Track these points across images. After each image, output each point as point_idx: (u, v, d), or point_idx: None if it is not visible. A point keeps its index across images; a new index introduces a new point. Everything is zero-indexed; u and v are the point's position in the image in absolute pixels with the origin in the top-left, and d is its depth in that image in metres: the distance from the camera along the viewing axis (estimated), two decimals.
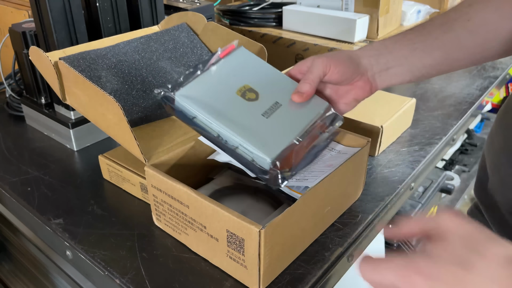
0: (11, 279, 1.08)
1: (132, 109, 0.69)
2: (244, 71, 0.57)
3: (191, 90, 0.52)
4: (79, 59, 0.68)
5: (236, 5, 1.19)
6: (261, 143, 0.49)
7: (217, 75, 0.55)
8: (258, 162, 0.49)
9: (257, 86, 0.55)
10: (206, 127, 0.51)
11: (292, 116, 0.53)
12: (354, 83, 0.55)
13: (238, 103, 0.53)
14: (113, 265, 0.54)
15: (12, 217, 0.90)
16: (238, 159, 0.51)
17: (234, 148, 0.50)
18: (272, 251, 0.48)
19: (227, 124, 0.50)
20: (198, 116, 0.51)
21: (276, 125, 0.52)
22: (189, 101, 0.51)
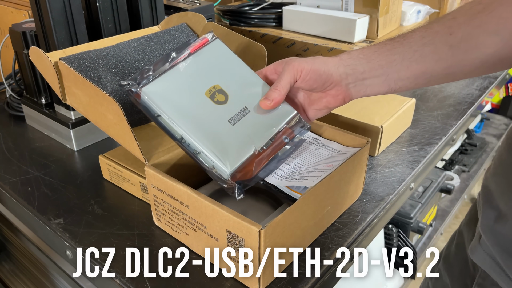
0: (11, 279, 1.09)
1: (132, 109, 0.69)
2: (216, 68, 0.55)
3: (158, 86, 0.51)
4: (79, 59, 0.68)
5: (236, 5, 1.19)
6: (222, 153, 0.49)
7: (187, 72, 0.53)
8: (218, 171, 0.49)
9: (227, 87, 0.54)
10: (169, 128, 0.50)
11: (258, 123, 0.53)
12: (326, 91, 0.54)
13: (205, 105, 0.52)
14: (113, 265, 0.54)
15: (12, 217, 0.90)
16: (199, 164, 0.51)
17: (196, 153, 0.50)
18: (272, 251, 0.48)
19: (190, 128, 0.49)
20: (162, 116, 0.50)
21: (241, 133, 0.51)
22: (154, 98, 0.50)
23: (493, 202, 0.50)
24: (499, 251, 0.49)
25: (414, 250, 1.27)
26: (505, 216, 0.48)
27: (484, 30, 0.46)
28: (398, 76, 0.50)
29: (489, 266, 0.51)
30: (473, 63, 0.47)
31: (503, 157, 0.51)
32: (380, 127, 0.73)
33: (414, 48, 0.49)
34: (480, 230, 0.53)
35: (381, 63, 0.51)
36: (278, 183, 0.57)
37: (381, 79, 0.51)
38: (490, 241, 0.50)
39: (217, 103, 0.52)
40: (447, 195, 1.57)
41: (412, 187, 0.73)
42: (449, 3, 1.16)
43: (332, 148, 0.63)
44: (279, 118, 0.54)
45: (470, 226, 0.62)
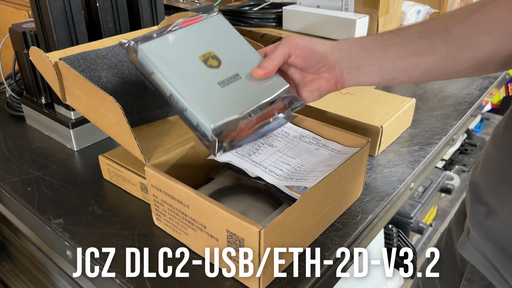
0: (11, 279, 1.09)
1: (132, 109, 0.69)
2: (213, 38, 0.57)
3: (155, 45, 0.52)
4: (79, 59, 0.68)
5: (236, 5, 1.19)
6: (207, 110, 0.50)
7: (185, 36, 0.55)
8: (201, 128, 0.50)
9: (222, 54, 0.55)
10: (161, 85, 0.52)
11: (248, 90, 0.53)
12: (320, 73, 0.55)
13: (198, 67, 0.53)
14: (113, 265, 0.54)
15: (12, 217, 0.90)
16: (185, 121, 0.52)
17: (183, 110, 0.51)
18: (272, 251, 0.48)
19: (180, 86, 0.51)
20: (155, 73, 0.51)
21: (229, 96, 0.52)
22: (150, 56, 0.52)
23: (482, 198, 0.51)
24: (488, 245, 0.49)
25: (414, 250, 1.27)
26: (495, 212, 0.48)
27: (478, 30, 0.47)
28: (393, 66, 0.51)
29: (478, 260, 0.52)
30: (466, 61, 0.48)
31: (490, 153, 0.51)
32: (380, 127, 0.73)
33: (410, 40, 0.50)
34: (469, 225, 0.53)
35: (376, 51, 0.52)
36: (278, 183, 0.57)
37: (375, 67, 0.52)
38: (480, 236, 0.51)
39: (209, 67, 0.53)
40: (447, 195, 1.57)
41: (412, 187, 0.73)
42: (449, 3, 1.16)
43: (332, 148, 0.63)
44: (271, 89, 0.54)
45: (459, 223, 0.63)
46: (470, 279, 0.55)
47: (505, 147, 0.48)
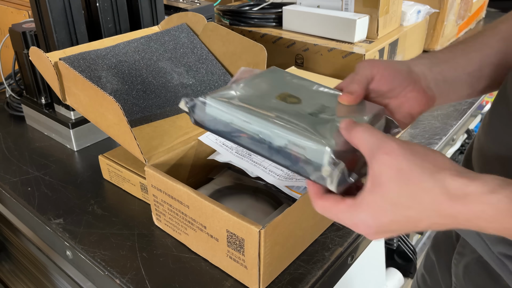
0: (11, 279, 1.09)
1: (132, 109, 0.69)
2: (279, 82, 0.50)
3: (226, 93, 0.45)
4: (79, 59, 0.68)
5: (236, 5, 1.19)
6: (314, 135, 0.40)
7: (250, 85, 0.48)
8: (313, 158, 0.39)
9: (297, 93, 0.47)
10: (244, 130, 0.43)
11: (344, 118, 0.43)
12: (407, 94, 0.48)
13: (279, 105, 0.44)
14: (113, 265, 0.54)
15: (12, 217, 0.90)
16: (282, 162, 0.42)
17: (283, 148, 0.41)
18: (272, 251, 0.48)
19: (272, 121, 0.41)
20: (235, 118, 0.43)
21: (327, 124, 0.42)
22: (223, 103, 0.44)
23: None
24: None
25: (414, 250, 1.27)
26: None
27: None
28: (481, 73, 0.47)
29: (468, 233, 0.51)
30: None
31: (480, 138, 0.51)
32: None
33: (490, 44, 0.48)
34: None
35: (458, 61, 0.48)
36: (278, 183, 0.56)
37: (463, 78, 0.48)
38: None
39: (291, 103, 0.45)
40: None
41: None
42: (449, 3, 1.16)
43: None
44: (365, 113, 0.45)
45: None
46: (461, 253, 0.55)
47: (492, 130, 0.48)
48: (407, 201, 0.34)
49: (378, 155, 0.35)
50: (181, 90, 0.74)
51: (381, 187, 0.35)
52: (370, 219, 0.35)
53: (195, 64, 0.78)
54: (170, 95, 0.72)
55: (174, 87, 0.74)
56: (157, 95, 0.72)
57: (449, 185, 0.33)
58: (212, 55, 0.80)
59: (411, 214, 0.34)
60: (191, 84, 0.75)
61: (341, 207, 0.37)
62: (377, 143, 0.36)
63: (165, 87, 0.73)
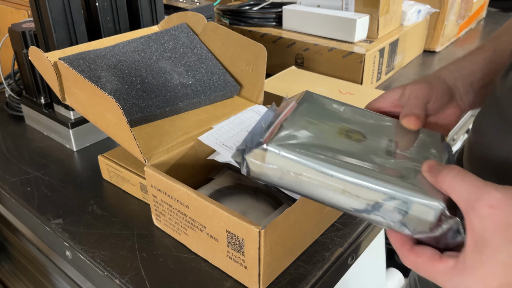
0: (11, 279, 1.08)
1: (131, 109, 0.69)
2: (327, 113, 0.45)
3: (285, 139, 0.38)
4: (79, 59, 0.68)
5: (236, 5, 1.19)
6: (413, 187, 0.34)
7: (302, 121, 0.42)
8: (416, 213, 0.34)
9: (354, 125, 0.43)
10: (321, 184, 0.37)
11: (417, 152, 0.41)
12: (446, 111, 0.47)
13: (349, 145, 0.39)
14: (113, 265, 0.54)
15: (12, 217, 0.90)
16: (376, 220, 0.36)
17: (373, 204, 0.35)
18: (272, 251, 0.48)
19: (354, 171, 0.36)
20: (305, 171, 0.37)
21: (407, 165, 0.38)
22: (289, 151, 0.37)
23: None
24: None
25: None
26: None
27: None
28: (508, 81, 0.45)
29: None
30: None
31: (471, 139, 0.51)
32: None
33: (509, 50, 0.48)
34: None
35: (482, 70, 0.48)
36: None
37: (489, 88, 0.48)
38: None
39: (357, 141, 0.40)
40: None
41: None
42: (449, 3, 1.16)
43: None
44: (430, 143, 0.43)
45: None
46: None
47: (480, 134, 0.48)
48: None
49: (479, 208, 0.30)
50: (181, 90, 0.74)
51: (488, 246, 0.30)
52: (477, 284, 0.31)
53: (195, 64, 0.78)
54: (170, 95, 0.72)
55: (174, 87, 0.74)
56: (157, 95, 0.71)
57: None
58: (212, 54, 0.80)
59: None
60: (191, 84, 0.75)
61: (440, 267, 0.32)
62: (476, 192, 0.31)
63: (165, 87, 0.73)
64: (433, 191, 0.34)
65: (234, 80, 0.77)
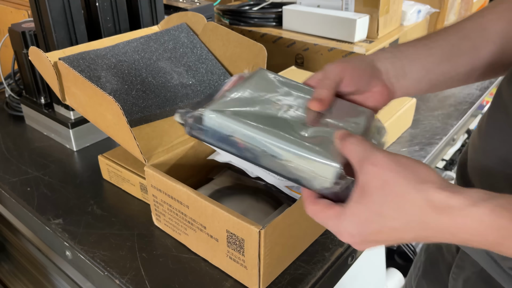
0: (11, 279, 1.08)
1: (131, 109, 0.69)
2: (270, 87, 0.50)
3: (220, 105, 0.45)
4: (79, 59, 0.68)
5: (236, 5, 1.19)
6: (319, 151, 0.40)
7: (242, 93, 0.48)
8: (320, 173, 0.40)
9: (288, 100, 0.48)
10: (247, 144, 0.43)
11: (342, 125, 0.46)
12: (372, 89, 0.49)
13: (277, 115, 0.45)
14: (113, 265, 0.54)
15: (11, 217, 0.90)
16: (290, 177, 0.42)
17: (287, 163, 0.42)
18: (272, 251, 0.48)
19: (274, 136, 0.42)
20: (236, 132, 0.43)
21: (329, 135, 0.43)
22: (223, 116, 0.43)
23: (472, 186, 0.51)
24: None
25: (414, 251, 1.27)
26: None
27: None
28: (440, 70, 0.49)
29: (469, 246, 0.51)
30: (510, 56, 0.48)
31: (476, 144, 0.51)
32: None
33: (452, 42, 0.49)
34: None
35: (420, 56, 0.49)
36: (278, 183, 0.56)
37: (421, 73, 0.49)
38: None
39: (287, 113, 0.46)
40: None
41: None
42: (449, 3, 1.16)
43: None
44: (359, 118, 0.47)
45: None
46: (461, 266, 0.54)
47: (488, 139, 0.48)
48: (392, 212, 0.34)
49: (365, 166, 0.36)
50: (180, 90, 0.74)
51: (367, 198, 0.35)
52: (354, 228, 0.36)
53: (194, 64, 0.78)
54: (169, 95, 0.72)
55: (174, 87, 0.74)
56: (157, 95, 0.71)
57: (433, 197, 0.33)
58: (212, 54, 0.80)
59: (396, 225, 0.34)
60: (190, 84, 0.75)
61: (329, 213, 0.38)
62: (365, 154, 0.37)
63: (164, 87, 0.73)
64: (337, 156, 0.40)
65: None
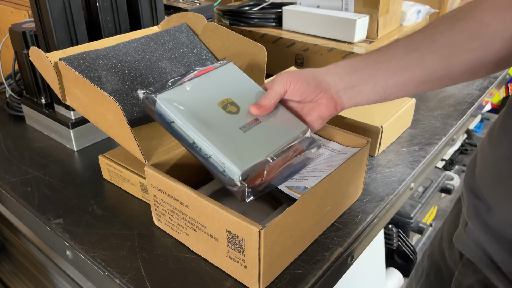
0: (11, 279, 1.09)
1: (132, 110, 0.69)
2: (228, 85, 0.57)
3: (173, 95, 0.52)
4: (79, 59, 0.68)
5: (236, 5, 1.19)
6: (233, 155, 0.49)
7: (201, 85, 0.56)
8: (228, 174, 0.49)
9: (239, 100, 0.56)
10: (182, 133, 0.51)
11: (269, 134, 0.54)
12: (317, 100, 0.55)
13: (218, 114, 0.53)
14: (113, 265, 0.54)
15: (12, 217, 0.90)
16: (209, 168, 0.51)
17: (207, 157, 0.51)
18: (272, 251, 0.48)
19: (203, 132, 0.50)
20: (175, 122, 0.51)
21: (252, 141, 0.52)
22: (169, 105, 0.51)
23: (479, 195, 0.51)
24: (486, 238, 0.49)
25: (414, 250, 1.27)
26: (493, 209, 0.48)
27: (466, 36, 0.47)
28: (386, 83, 0.52)
29: (474, 253, 0.52)
30: (458, 68, 0.49)
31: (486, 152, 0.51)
32: (380, 127, 0.73)
33: (399, 56, 0.51)
34: (466, 218, 0.53)
35: (368, 71, 0.52)
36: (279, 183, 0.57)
37: (369, 86, 0.52)
38: (477, 228, 0.50)
39: (229, 113, 0.54)
40: (447, 195, 1.58)
41: (412, 187, 0.73)
42: (449, 3, 1.16)
43: (332, 148, 0.63)
44: (290, 131, 0.55)
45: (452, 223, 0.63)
46: (464, 273, 0.55)
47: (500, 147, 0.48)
48: None
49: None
50: None
51: None
52: None
53: (195, 64, 0.78)
54: None
55: None
56: None
57: None
58: (212, 55, 0.80)
59: None
60: None
61: None
62: None
63: None
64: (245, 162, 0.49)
65: None
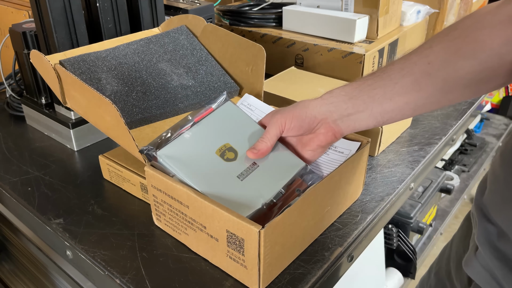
0: (11, 279, 1.09)
1: (132, 111, 0.69)
2: (227, 128, 0.58)
3: (172, 150, 0.55)
4: (79, 61, 0.69)
5: (236, 5, 1.19)
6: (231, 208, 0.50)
7: (200, 132, 0.57)
8: None
9: (237, 144, 0.57)
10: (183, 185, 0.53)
11: (267, 177, 0.55)
12: (315, 131, 0.55)
13: (216, 164, 0.55)
14: (113, 265, 0.54)
15: (12, 217, 0.90)
16: None
17: None
18: (272, 251, 0.48)
19: (202, 186, 0.52)
20: (176, 175, 0.53)
21: (249, 188, 0.53)
22: (168, 160, 0.54)
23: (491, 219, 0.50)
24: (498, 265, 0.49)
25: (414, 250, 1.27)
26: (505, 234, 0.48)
27: (461, 56, 0.46)
28: (383, 109, 0.50)
29: (484, 280, 0.51)
30: (454, 89, 0.47)
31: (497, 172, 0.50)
32: (380, 127, 0.73)
33: (394, 80, 0.49)
34: (477, 243, 0.52)
35: (363, 98, 0.51)
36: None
37: (366, 113, 0.51)
38: (488, 255, 0.50)
39: (227, 160, 0.55)
40: (447, 195, 1.58)
41: (412, 187, 0.73)
42: (449, 3, 1.16)
43: (332, 148, 0.63)
44: (288, 171, 0.56)
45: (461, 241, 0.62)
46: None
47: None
48: None
49: None
50: (180, 91, 0.74)
51: None
52: None
53: (194, 66, 0.78)
54: (169, 96, 0.73)
55: (174, 88, 0.74)
56: (157, 96, 0.72)
57: None
58: (211, 56, 0.80)
59: None
60: (190, 85, 0.75)
61: None
62: None
63: (164, 89, 0.73)
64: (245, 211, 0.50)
65: (233, 81, 0.78)
